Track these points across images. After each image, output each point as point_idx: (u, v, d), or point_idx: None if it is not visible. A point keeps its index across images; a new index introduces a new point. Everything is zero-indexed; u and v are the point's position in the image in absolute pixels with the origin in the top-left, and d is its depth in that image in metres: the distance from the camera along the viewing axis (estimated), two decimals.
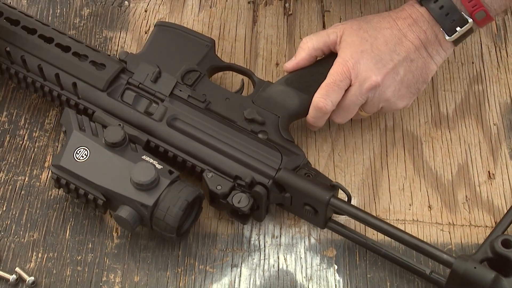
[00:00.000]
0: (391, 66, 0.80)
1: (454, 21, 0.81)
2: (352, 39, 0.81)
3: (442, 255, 0.72)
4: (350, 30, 0.82)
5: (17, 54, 0.83)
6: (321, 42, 0.83)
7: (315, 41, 0.83)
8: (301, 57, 0.84)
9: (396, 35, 0.81)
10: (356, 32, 0.82)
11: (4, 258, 0.77)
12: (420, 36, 0.81)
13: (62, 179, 0.76)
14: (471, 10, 0.80)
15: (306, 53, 0.84)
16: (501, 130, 0.88)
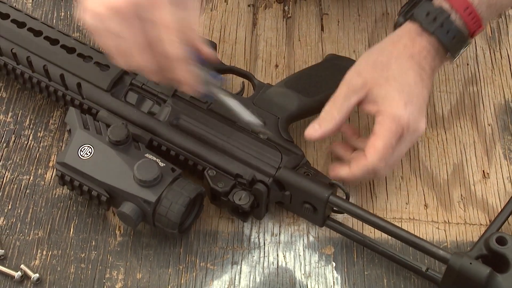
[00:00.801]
0: (424, 105, 0.79)
1: (459, 43, 0.80)
2: (388, 93, 0.77)
3: (439, 251, 0.73)
4: (377, 84, 0.78)
5: (23, 55, 0.84)
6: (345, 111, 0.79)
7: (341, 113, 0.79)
8: (328, 129, 0.79)
9: (417, 72, 0.79)
10: (385, 84, 0.78)
11: (10, 256, 0.77)
12: (431, 65, 0.80)
13: (67, 176, 0.77)
14: (473, 31, 0.80)
15: (333, 125, 0.79)
16: (496, 131, 0.88)
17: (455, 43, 0.80)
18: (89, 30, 0.72)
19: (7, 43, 0.85)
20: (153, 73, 0.73)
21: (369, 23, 0.98)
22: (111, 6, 0.69)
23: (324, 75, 0.85)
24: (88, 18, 0.71)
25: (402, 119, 0.76)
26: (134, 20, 0.69)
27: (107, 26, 0.70)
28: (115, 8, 0.68)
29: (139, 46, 0.70)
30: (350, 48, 0.96)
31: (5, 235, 0.79)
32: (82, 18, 0.71)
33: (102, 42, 0.72)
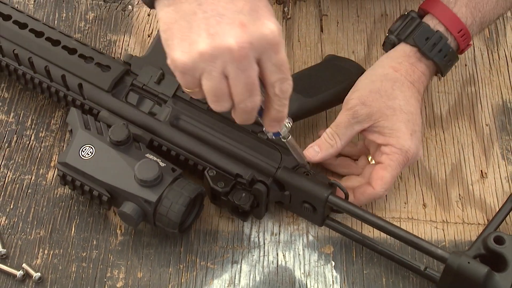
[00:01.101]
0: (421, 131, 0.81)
1: (450, 61, 0.83)
2: (395, 125, 0.79)
3: (437, 251, 0.73)
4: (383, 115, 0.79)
5: (25, 56, 0.84)
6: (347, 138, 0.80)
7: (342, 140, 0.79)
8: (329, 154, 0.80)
9: (417, 98, 0.81)
10: (392, 116, 0.79)
11: (12, 255, 0.78)
12: (425, 85, 0.83)
13: (68, 176, 0.77)
14: (463, 48, 0.83)
15: (333, 151, 0.80)
16: (493, 131, 0.89)
17: (450, 65, 0.83)
18: (180, 68, 0.65)
19: (9, 44, 0.85)
20: (253, 113, 0.68)
21: (368, 24, 0.98)
22: (221, 46, 0.63)
23: (323, 76, 0.86)
24: (184, 56, 0.64)
25: (410, 151, 0.78)
26: (249, 60, 0.64)
27: (213, 67, 0.64)
28: (227, 48, 0.63)
29: (252, 86, 0.65)
30: (349, 49, 0.96)
31: (7, 234, 0.79)
32: (173, 54, 0.65)
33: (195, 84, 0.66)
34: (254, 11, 0.64)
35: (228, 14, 0.63)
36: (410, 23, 0.83)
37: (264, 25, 0.64)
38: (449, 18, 0.81)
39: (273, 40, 0.64)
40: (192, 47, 0.64)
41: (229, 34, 0.63)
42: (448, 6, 0.81)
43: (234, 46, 0.63)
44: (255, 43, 0.63)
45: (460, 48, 0.83)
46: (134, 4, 1.00)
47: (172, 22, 0.65)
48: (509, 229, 0.81)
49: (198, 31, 0.63)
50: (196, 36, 0.64)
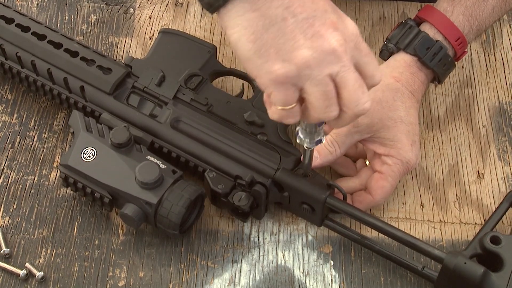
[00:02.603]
0: None
1: (448, 70, 0.83)
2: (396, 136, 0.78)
3: (434, 251, 0.74)
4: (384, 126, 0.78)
5: (28, 58, 0.85)
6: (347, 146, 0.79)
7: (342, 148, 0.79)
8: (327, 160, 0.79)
9: (416, 108, 0.81)
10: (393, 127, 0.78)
11: (15, 254, 0.78)
12: (423, 93, 0.83)
13: (70, 178, 0.77)
14: (459, 55, 0.83)
15: (332, 158, 0.79)
16: (490, 132, 0.89)
17: (448, 73, 0.84)
18: (282, 79, 0.61)
19: (12, 47, 0.86)
20: None
21: (366, 27, 0.99)
22: (324, 48, 0.61)
23: None
24: (288, 66, 0.60)
25: (410, 162, 0.78)
26: (348, 58, 0.62)
27: (318, 71, 0.61)
28: (330, 49, 0.61)
29: (362, 83, 0.64)
30: None
31: (11, 234, 0.80)
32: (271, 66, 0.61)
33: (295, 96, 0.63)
34: (336, 10, 0.63)
35: (318, 15, 0.61)
36: (409, 32, 0.82)
37: (347, 22, 0.63)
38: (447, 27, 0.81)
39: (357, 33, 0.63)
40: (293, 54, 0.60)
41: (326, 34, 0.61)
42: (446, 15, 0.81)
43: (336, 46, 0.61)
44: (347, 39, 0.62)
45: (457, 55, 0.83)
46: (135, 7, 1.00)
47: (260, 30, 0.60)
48: (506, 229, 0.81)
49: (294, 37, 0.60)
50: (293, 42, 0.60)
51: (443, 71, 0.82)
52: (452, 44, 0.81)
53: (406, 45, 0.81)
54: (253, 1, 0.61)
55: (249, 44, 0.61)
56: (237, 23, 0.61)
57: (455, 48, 0.82)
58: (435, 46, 0.81)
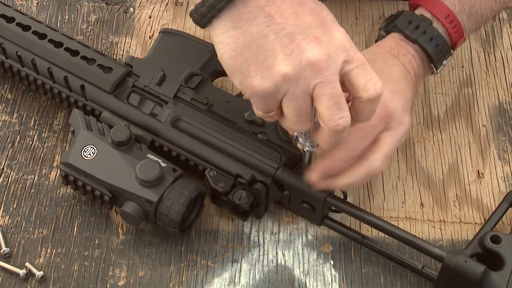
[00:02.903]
0: (410, 106, 0.76)
1: (442, 52, 0.79)
2: None
3: (434, 250, 0.74)
4: None
5: (28, 57, 0.85)
6: None
7: None
8: None
9: (402, 72, 0.77)
10: None
11: (15, 254, 0.78)
12: (416, 71, 0.79)
13: (70, 176, 0.77)
14: (455, 40, 0.80)
15: None
16: (490, 132, 0.89)
17: (438, 51, 0.79)
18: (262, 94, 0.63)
19: (12, 46, 0.86)
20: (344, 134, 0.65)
21: (366, 26, 0.99)
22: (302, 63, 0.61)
23: None
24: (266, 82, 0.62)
25: (388, 105, 0.72)
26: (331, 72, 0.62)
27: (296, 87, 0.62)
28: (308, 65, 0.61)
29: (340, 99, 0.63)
30: None
31: (10, 233, 0.80)
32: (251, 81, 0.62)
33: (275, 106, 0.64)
34: (322, 23, 0.63)
35: (300, 31, 0.62)
36: (396, 16, 0.81)
37: (334, 36, 0.63)
38: (434, 4, 0.79)
39: (346, 47, 0.63)
40: (273, 71, 0.62)
41: (306, 49, 0.61)
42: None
43: (315, 61, 0.61)
44: (332, 54, 0.62)
45: (452, 38, 0.80)
46: (135, 6, 1.00)
47: (241, 47, 0.62)
48: (506, 228, 0.81)
49: (274, 53, 0.62)
50: (272, 59, 0.62)
51: (431, 46, 0.78)
52: (441, 21, 0.79)
53: (392, 26, 0.80)
54: (235, 19, 0.62)
55: (231, 60, 0.63)
56: (221, 40, 0.63)
57: (446, 27, 0.79)
58: (417, 18, 0.79)
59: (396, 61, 0.77)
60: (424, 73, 0.81)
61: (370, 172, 0.73)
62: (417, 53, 0.79)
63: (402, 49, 0.78)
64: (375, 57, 0.77)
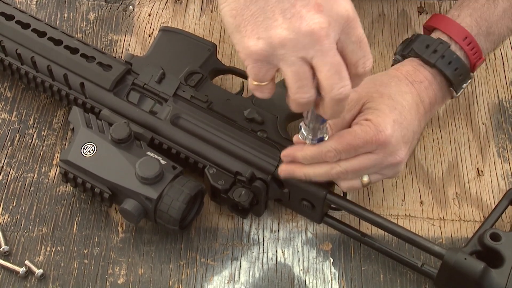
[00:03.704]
0: (411, 139, 0.75)
1: (461, 76, 0.78)
2: (379, 107, 0.73)
3: (434, 247, 0.74)
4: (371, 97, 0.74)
5: (27, 55, 0.85)
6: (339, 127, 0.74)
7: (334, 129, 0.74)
8: None
9: (415, 100, 0.75)
10: (378, 99, 0.74)
11: (14, 252, 0.78)
12: (431, 99, 0.77)
13: (70, 173, 0.78)
14: (474, 62, 0.79)
15: None
16: (489, 129, 0.89)
17: (458, 75, 0.78)
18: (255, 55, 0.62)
19: (11, 44, 0.86)
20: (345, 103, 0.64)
21: (366, 24, 0.99)
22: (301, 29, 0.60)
23: None
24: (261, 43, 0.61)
25: (383, 134, 0.71)
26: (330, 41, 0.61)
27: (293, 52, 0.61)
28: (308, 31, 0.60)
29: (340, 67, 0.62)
30: None
31: (10, 231, 0.80)
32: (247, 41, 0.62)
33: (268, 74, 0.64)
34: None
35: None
36: (412, 40, 0.80)
37: (338, 4, 0.62)
38: (452, 27, 0.78)
39: (349, 17, 0.62)
40: (269, 32, 0.61)
41: (306, 16, 0.60)
42: (452, 19, 0.79)
43: (315, 28, 0.60)
44: (333, 23, 0.61)
45: (470, 61, 0.79)
46: (135, 4, 1.01)
47: (241, 7, 0.62)
48: (505, 226, 0.81)
49: (273, 15, 0.61)
50: (271, 21, 0.61)
51: (450, 69, 0.77)
52: (459, 44, 0.78)
53: (408, 51, 0.80)
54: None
55: (230, 19, 0.63)
56: (223, 0, 0.64)
57: (464, 49, 0.78)
58: (435, 42, 0.78)
59: (411, 88, 0.76)
60: (443, 98, 0.80)
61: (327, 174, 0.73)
62: (434, 78, 0.78)
63: (420, 75, 0.77)
64: (390, 81, 0.76)
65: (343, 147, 0.71)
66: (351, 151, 0.71)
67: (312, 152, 0.72)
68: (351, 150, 0.71)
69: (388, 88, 0.75)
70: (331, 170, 0.72)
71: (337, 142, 0.71)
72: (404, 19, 0.99)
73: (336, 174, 0.73)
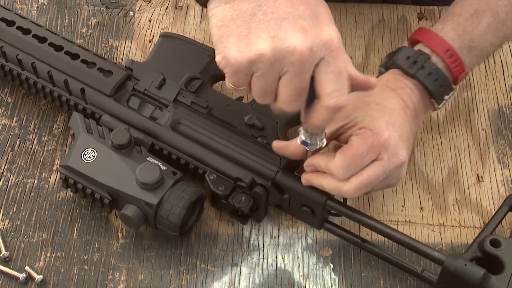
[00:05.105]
0: (408, 140, 0.74)
1: (442, 87, 0.77)
2: (369, 113, 0.73)
3: (434, 253, 0.74)
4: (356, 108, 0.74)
5: (28, 61, 0.85)
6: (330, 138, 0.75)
7: None
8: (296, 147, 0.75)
9: (400, 104, 0.75)
10: (365, 107, 0.74)
11: (14, 257, 0.78)
12: (415, 105, 0.77)
13: (70, 179, 0.77)
14: (456, 75, 0.78)
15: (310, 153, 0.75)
16: (489, 135, 0.89)
17: (438, 86, 0.78)
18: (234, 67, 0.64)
19: (12, 50, 0.86)
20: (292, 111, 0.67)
21: (365, 30, 0.99)
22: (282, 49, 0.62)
23: None
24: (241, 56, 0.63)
25: (382, 136, 0.71)
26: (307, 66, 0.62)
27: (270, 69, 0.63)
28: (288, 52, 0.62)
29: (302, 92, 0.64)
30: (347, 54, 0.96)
31: (10, 237, 0.80)
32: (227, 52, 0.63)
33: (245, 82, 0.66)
34: (314, 16, 0.63)
35: (289, 18, 0.62)
36: (395, 52, 0.80)
37: (324, 31, 0.63)
38: (434, 40, 0.78)
39: (332, 46, 0.63)
40: (251, 47, 0.63)
41: (290, 38, 0.62)
42: (435, 32, 0.79)
43: (296, 50, 0.61)
44: (315, 49, 0.62)
45: (452, 73, 0.78)
46: (135, 10, 1.01)
47: (228, 19, 0.64)
48: (505, 232, 0.82)
49: (257, 32, 0.63)
50: (255, 37, 0.63)
51: (430, 80, 0.77)
52: (441, 56, 0.78)
53: (391, 63, 0.80)
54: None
55: (215, 29, 0.65)
56: (213, 13, 0.66)
57: (446, 61, 0.78)
58: (415, 54, 0.78)
59: (394, 94, 0.76)
60: (425, 108, 0.79)
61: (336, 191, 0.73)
62: (416, 87, 0.78)
63: (400, 82, 0.77)
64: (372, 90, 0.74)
65: (350, 161, 0.71)
66: (358, 163, 0.71)
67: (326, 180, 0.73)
68: (357, 161, 0.71)
69: (372, 96, 0.75)
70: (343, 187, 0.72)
71: (342, 158, 0.71)
72: (404, 25, 1.00)
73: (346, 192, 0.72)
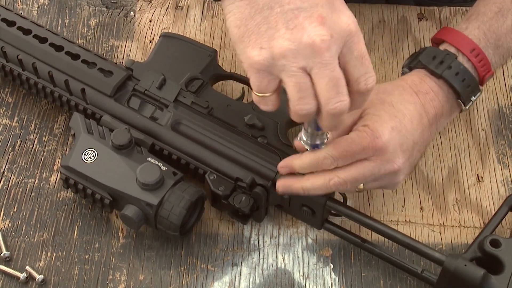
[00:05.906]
0: (411, 149, 0.74)
1: (469, 87, 0.77)
2: (379, 113, 0.73)
3: (434, 253, 0.74)
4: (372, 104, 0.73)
5: (29, 61, 0.85)
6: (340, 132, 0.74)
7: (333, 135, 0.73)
8: None
9: (418, 111, 0.75)
10: (379, 105, 0.73)
11: (15, 257, 0.78)
12: (437, 111, 0.76)
13: (71, 179, 0.78)
14: (482, 75, 0.78)
15: None
16: (489, 135, 0.89)
17: (465, 86, 0.77)
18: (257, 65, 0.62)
19: (13, 50, 0.86)
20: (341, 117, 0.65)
21: (366, 30, 0.99)
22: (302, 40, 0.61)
23: None
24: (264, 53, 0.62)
25: (380, 140, 0.71)
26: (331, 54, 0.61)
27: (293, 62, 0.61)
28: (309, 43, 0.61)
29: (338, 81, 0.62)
30: None
31: (11, 237, 0.80)
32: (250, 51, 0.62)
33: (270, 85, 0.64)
34: (331, 4, 0.63)
35: (306, 8, 0.62)
36: (419, 52, 0.80)
37: (342, 18, 0.62)
38: (459, 39, 0.77)
39: (351, 31, 0.62)
40: (272, 43, 0.62)
41: (309, 28, 0.61)
42: (460, 31, 0.79)
43: (316, 40, 0.61)
44: (335, 36, 0.61)
45: (479, 73, 0.78)
46: (136, 10, 1.01)
47: (246, 17, 0.63)
48: (505, 232, 0.82)
49: (276, 26, 0.62)
50: (274, 31, 0.62)
51: (457, 81, 0.76)
52: (467, 55, 0.77)
53: (416, 62, 0.79)
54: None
55: (234, 29, 0.64)
56: (229, 10, 0.65)
57: (472, 61, 0.77)
58: (441, 54, 0.77)
59: (415, 98, 0.76)
60: (450, 111, 0.79)
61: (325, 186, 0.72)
62: (441, 89, 0.77)
63: (425, 85, 0.77)
64: (394, 89, 0.76)
65: (340, 153, 0.71)
66: (347, 158, 0.71)
67: (309, 159, 0.72)
68: (347, 156, 0.71)
69: (391, 96, 0.75)
70: (329, 181, 0.72)
71: (333, 148, 0.71)
72: (404, 25, 1.00)
73: (334, 185, 0.72)
